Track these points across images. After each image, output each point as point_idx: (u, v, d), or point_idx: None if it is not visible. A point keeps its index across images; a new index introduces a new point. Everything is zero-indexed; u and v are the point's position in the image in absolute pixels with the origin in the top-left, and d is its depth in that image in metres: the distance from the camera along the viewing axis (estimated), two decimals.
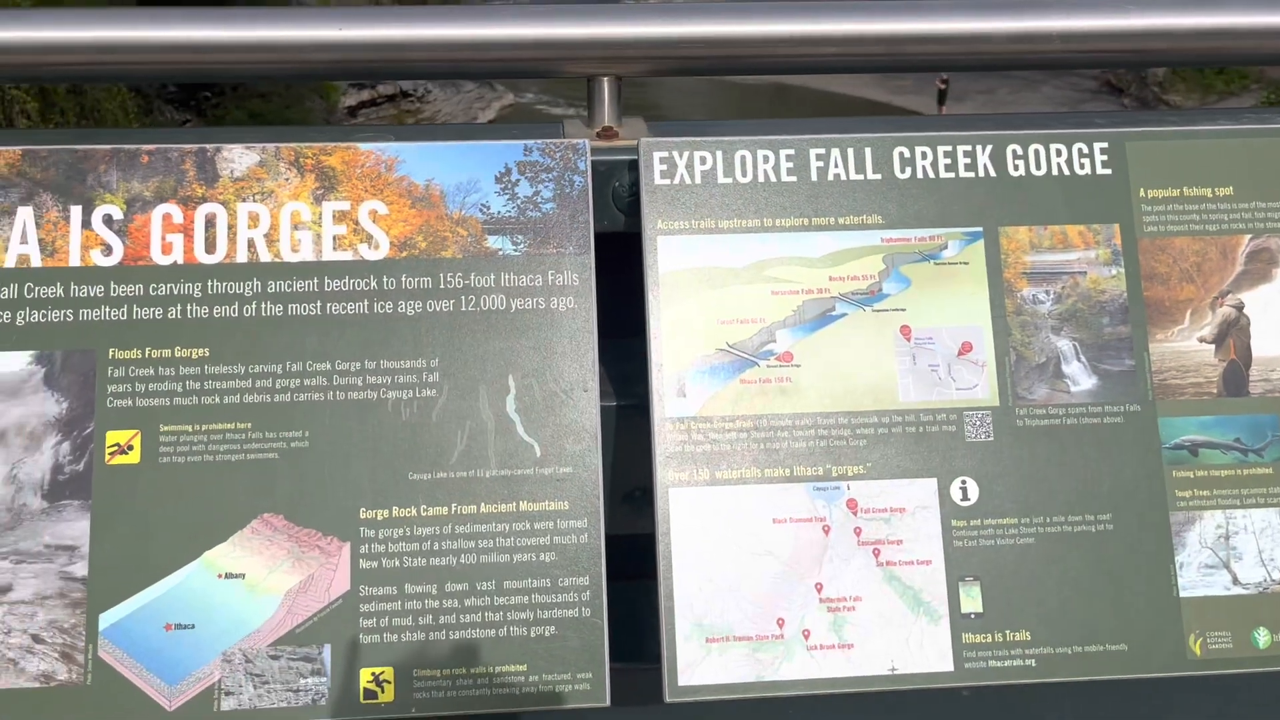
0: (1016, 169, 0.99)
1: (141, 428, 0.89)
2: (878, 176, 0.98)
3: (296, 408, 0.90)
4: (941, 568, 0.91)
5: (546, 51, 1.06)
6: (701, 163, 0.97)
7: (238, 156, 0.95)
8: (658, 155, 0.97)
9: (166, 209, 0.93)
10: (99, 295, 0.91)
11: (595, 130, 1.06)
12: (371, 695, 0.87)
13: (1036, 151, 1.00)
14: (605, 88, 1.07)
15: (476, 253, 0.94)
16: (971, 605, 0.91)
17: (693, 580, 0.89)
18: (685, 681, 0.88)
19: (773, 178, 0.98)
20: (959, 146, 0.99)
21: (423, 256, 0.94)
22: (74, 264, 0.92)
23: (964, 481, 0.93)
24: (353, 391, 0.91)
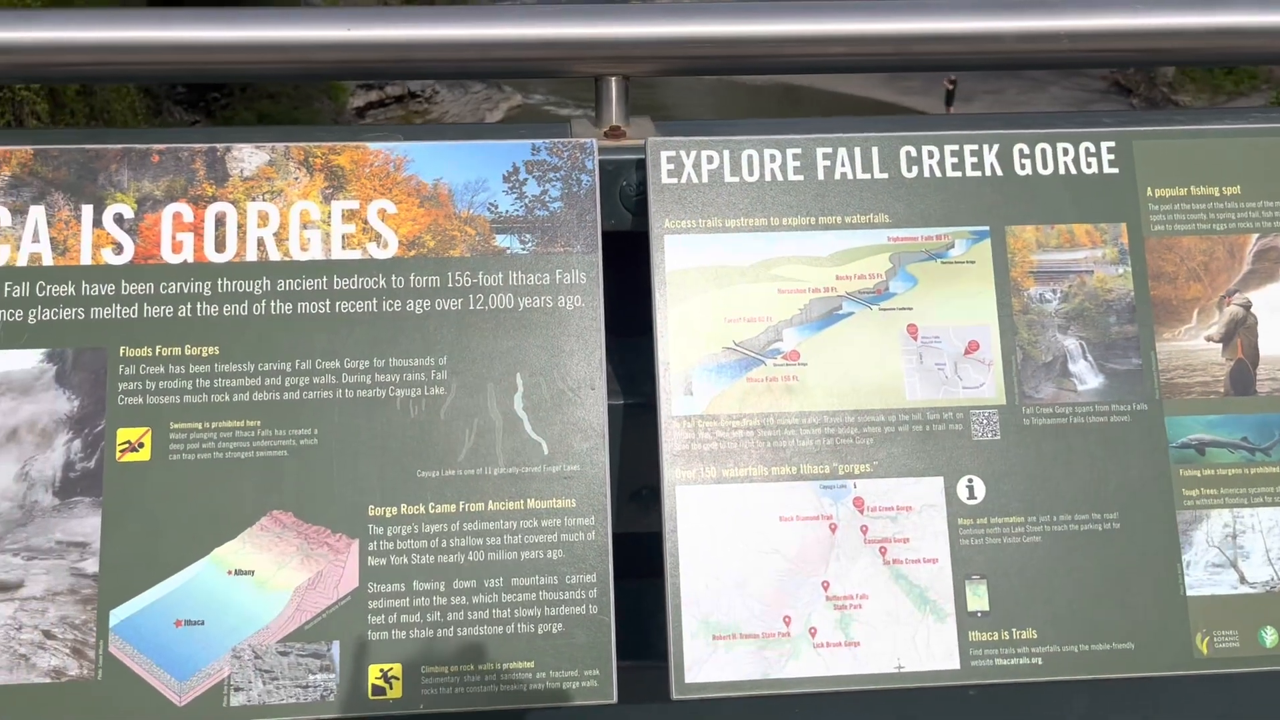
0: (1023, 168, 0.99)
1: (152, 425, 0.90)
2: (884, 176, 0.98)
3: (305, 406, 0.91)
4: (948, 566, 0.91)
5: (554, 51, 1.06)
6: (708, 162, 0.98)
7: (247, 156, 0.96)
8: (665, 155, 0.97)
9: (177, 208, 0.94)
10: (110, 294, 0.92)
11: (603, 130, 1.07)
12: (380, 691, 0.87)
13: (1043, 150, 1.00)
14: (613, 88, 1.07)
15: (484, 251, 0.95)
16: (978, 604, 0.91)
17: (700, 578, 0.90)
18: (692, 679, 0.88)
19: (779, 177, 0.98)
20: (966, 146, 0.99)
21: (431, 255, 0.94)
22: (85, 263, 0.92)
23: (970, 480, 0.93)
24: (361, 389, 0.91)
